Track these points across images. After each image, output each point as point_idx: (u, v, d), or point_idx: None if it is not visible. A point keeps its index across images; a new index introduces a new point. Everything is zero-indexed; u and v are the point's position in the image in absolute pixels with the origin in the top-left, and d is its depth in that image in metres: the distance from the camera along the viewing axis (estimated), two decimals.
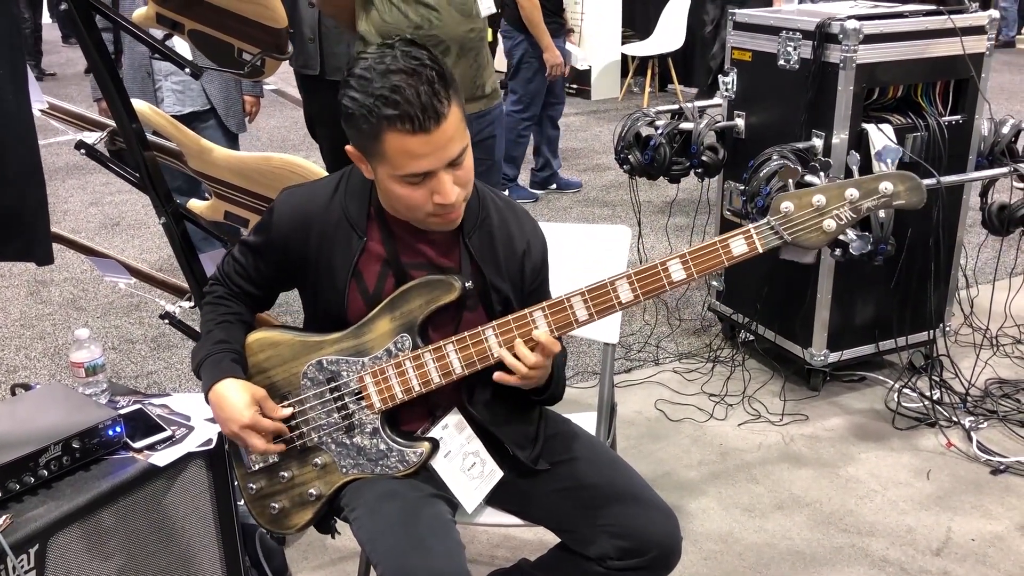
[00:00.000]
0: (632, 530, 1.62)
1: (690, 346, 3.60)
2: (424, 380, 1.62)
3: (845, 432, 2.97)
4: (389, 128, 1.43)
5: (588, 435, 1.82)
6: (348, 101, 1.47)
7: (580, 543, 1.66)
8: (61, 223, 5.12)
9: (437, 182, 1.49)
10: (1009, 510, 2.56)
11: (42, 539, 1.62)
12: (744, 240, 1.50)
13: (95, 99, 3.60)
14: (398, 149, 1.45)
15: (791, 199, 1.49)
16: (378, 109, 1.42)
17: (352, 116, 1.47)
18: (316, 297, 1.68)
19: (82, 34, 1.87)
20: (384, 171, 1.50)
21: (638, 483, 1.70)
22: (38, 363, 3.55)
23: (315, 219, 1.64)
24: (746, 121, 3.23)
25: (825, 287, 3.03)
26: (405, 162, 1.46)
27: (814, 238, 1.50)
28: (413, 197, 1.51)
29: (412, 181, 1.48)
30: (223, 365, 1.64)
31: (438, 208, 1.52)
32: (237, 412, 1.60)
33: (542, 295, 1.73)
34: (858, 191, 1.48)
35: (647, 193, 5.42)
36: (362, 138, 1.49)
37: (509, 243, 1.68)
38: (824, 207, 1.49)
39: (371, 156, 1.51)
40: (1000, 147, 3.02)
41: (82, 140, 2.10)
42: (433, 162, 1.46)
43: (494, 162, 2.88)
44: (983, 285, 3.72)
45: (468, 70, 2.64)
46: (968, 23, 2.90)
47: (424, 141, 1.44)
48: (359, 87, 1.45)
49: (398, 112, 1.41)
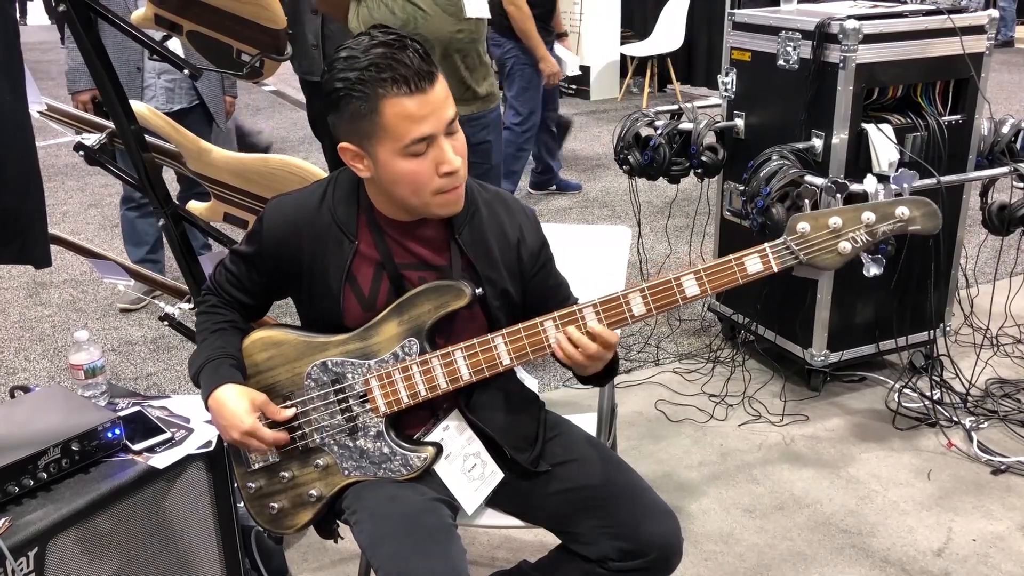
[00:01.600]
0: (633, 531, 1.62)
1: (690, 346, 3.60)
2: (431, 385, 1.61)
3: (846, 432, 2.97)
4: (385, 95, 1.44)
5: (588, 436, 1.82)
6: (339, 83, 1.47)
7: (580, 545, 1.66)
8: (60, 224, 5.11)
9: (439, 151, 1.50)
10: (1010, 510, 2.56)
11: (41, 542, 1.61)
12: (759, 259, 1.50)
13: (71, 92, 3.61)
14: (398, 115, 1.45)
15: (808, 220, 1.49)
16: (372, 76, 1.44)
17: (344, 97, 1.47)
18: (311, 303, 1.67)
19: (80, 34, 1.87)
20: (386, 150, 1.49)
21: (639, 484, 1.69)
22: (37, 365, 3.55)
23: (305, 226, 1.63)
24: (745, 121, 3.22)
25: (825, 287, 3.03)
26: (406, 128, 1.46)
27: (829, 259, 1.49)
28: (419, 172, 1.50)
29: (415, 152, 1.48)
30: (221, 371, 1.63)
31: (445, 180, 1.52)
32: (237, 418, 1.59)
33: (549, 276, 1.73)
34: (875, 215, 1.48)
35: (647, 194, 5.42)
36: (358, 120, 1.48)
37: (501, 234, 1.67)
38: (840, 229, 1.48)
39: (369, 137, 1.49)
40: (1000, 147, 3.02)
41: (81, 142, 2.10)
42: (434, 124, 1.48)
43: (491, 166, 2.87)
44: (983, 285, 3.72)
45: (455, 71, 2.63)
46: (968, 23, 2.90)
47: (422, 102, 1.45)
48: (347, 66, 1.46)
49: (393, 75, 1.43)
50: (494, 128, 2.83)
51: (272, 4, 1.86)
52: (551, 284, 1.74)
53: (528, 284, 1.70)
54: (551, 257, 1.75)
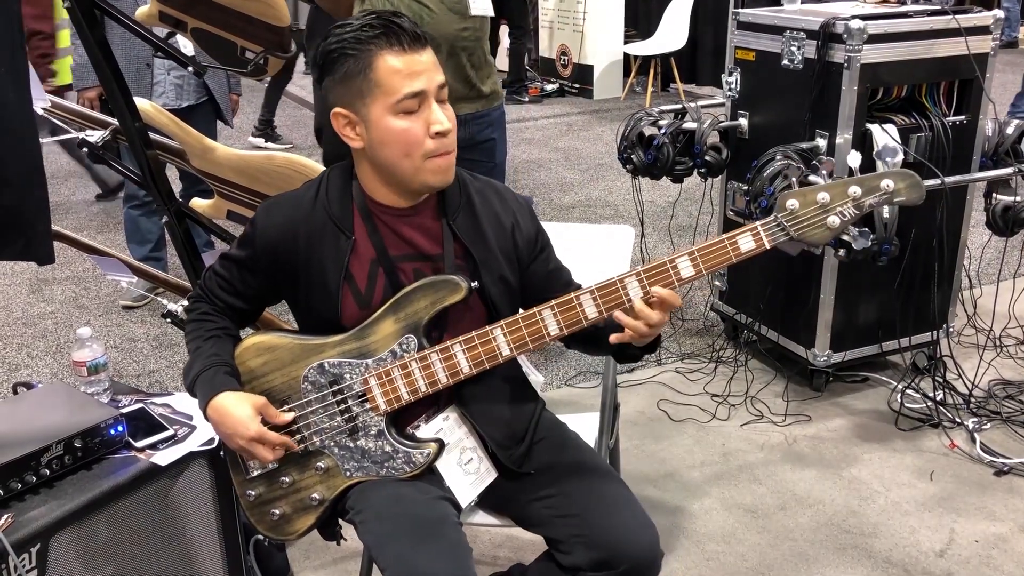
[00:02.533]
0: (606, 542, 1.58)
1: (693, 346, 3.59)
2: (431, 381, 1.61)
3: (848, 433, 2.97)
4: (378, 51, 1.50)
5: (579, 441, 1.80)
6: (333, 44, 1.53)
7: (559, 553, 1.63)
8: (63, 221, 5.12)
9: (430, 111, 1.54)
10: (1012, 512, 2.56)
11: (43, 538, 1.61)
12: (752, 237, 1.51)
13: (77, 89, 3.63)
14: (390, 70, 1.50)
15: (796, 196, 1.52)
16: (367, 37, 1.50)
17: (337, 59, 1.53)
18: (308, 303, 1.66)
19: (85, 32, 1.87)
20: (378, 108, 1.52)
21: (622, 494, 1.66)
22: (40, 362, 3.55)
23: (302, 225, 1.63)
24: (749, 121, 3.22)
25: (828, 287, 3.03)
26: (399, 82, 1.50)
27: (819, 234, 1.52)
28: (411, 132, 1.53)
29: (407, 108, 1.52)
30: (218, 379, 1.62)
31: (436, 143, 1.54)
32: (242, 425, 1.58)
33: (548, 261, 1.73)
34: (861, 188, 1.51)
35: (650, 193, 5.41)
36: (351, 80, 1.52)
37: (496, 220, 1.67)
38: (828, 204, 1.51)
39: (363, 96, 1.52)
40: (1004, 147, 3.01)
41: (85, 139, 2.10)
42: (426, 82, 1.52)
43: (495, 164, 2.87)
44: (987, 286, 3.71)
45: (460, 70, 2.63)
46: (972, 23, 2.89)
47: (414, 59, 1.51)
48: (341, 30, 1.53)
49: (387, 33, 1.50)
50: (498, 126, 2.83)
51: (277, 2, 1.86)
52: (551, 268, 1.73)
53: (527, 270, 1.69)
54: (548, 242, 1.75)
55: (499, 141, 2.85)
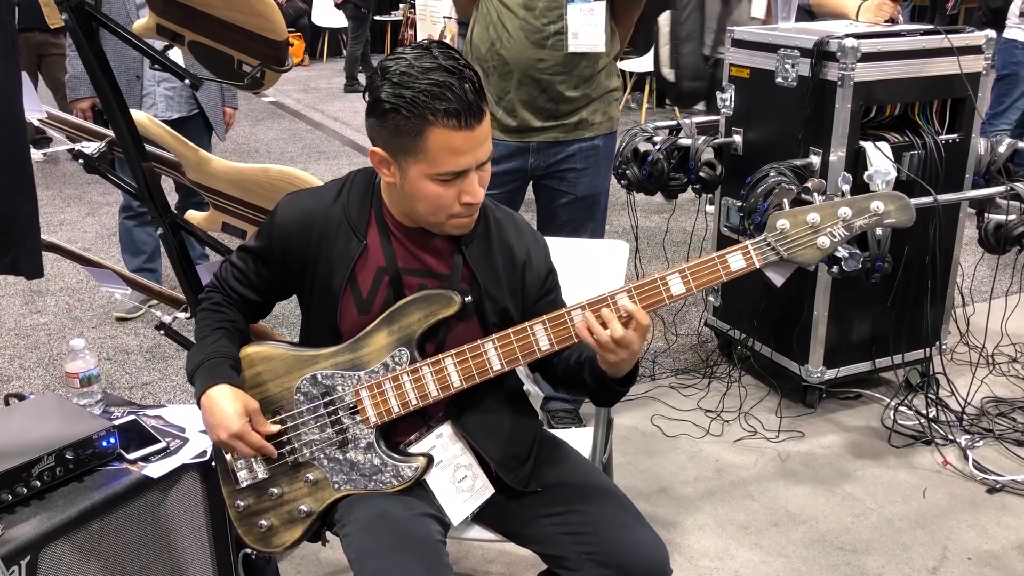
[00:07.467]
0: (618, 559, 1.59)
1: (686, 362, 3.60)
2: (422, 394, 1.61)
3: (841, 449, 2.97)
4: (435, 123, 1.45)
5: (581, 459, 1.80)
6: (389, 96, 1.47)
7: (566, 571, 1.63)
8: (58, 233, 5.11)
9: (468, 182, 1.52)
10: (1005, 529, 2.56)
11: (34, 550, 1.61)
12: (742, 256, 1.52)
13: (71, 99, 3.63)
14: (441, 145, 1.47)
15: (787, 217, 1.53)
16: (425, 103, 1.44)
17: (391, 112, 1.47)
18: (312, 299, 1.68)
19: (82, 44, 1.87)
20: (418, 170, 1.51)
21: (630, 511, 1.67)
22: (32, 373, 3.54)
23: (318, 218, 1.64)
24: (744, 137, 3.24)
25: (822, 304, 3.03)
26: (446, 159, 1.48)
27: (809, 254, 1.53)
28: (443, 197, 1.52)
29: (445, 179, 1.50)
30: (218, 371, 1.63)
31: (464, 209, 1.55)
32: (228, 419, 1.59)
33: (554, 305, 1.71)
34: (851, 210, 1.52)
35: (644, 208, 5.42)
36: (399, 136, 1.49)
37: (508, 254, 1.68)
38: (818, 225, 1.52)
39: (406, 154, 1.50)
40: (996, 166, 3.03)
41: (80, 150, 2.10)
42: (471, 160, 1.50)
43: (576, 197, 2.86)
44: (979, 303, 3.72)
45: (532, 97, 2.64)
46: (965, 43, 2.91)
47: (466, 138, 1.47)
48: (401, 83, 1.46)
49: (446, 107, 1.44)
50: (583, 158, 2.78)
51: (275, 16, 1.87)
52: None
53: (531, 308, 1.69)
54: (557, 285, 1.75)
55: (586, 173, 2.80)
